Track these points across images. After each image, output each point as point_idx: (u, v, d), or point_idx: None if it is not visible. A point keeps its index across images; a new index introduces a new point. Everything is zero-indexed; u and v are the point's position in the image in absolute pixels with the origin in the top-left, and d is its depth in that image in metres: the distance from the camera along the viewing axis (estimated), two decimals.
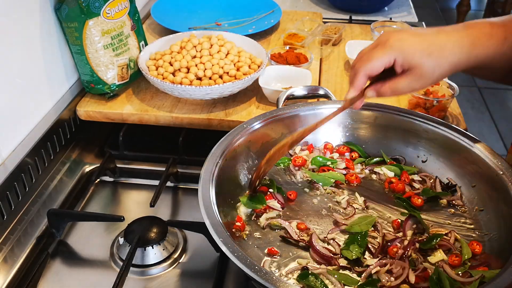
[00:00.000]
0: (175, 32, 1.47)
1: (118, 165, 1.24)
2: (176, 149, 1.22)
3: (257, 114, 1.15)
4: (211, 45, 1.31)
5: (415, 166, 1.08)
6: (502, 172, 0.92)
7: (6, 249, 1.00)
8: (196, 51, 1.29)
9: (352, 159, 1.09)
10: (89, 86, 1.26)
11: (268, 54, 1.36)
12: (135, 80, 1.34)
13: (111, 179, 1.23)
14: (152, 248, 0.98)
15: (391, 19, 1.87)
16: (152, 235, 1.00)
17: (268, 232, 0.93)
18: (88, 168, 1.25)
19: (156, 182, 1.15)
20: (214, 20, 1.68)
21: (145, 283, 0.96)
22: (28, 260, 1.00)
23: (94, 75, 1.23)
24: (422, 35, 0.83)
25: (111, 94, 1.27)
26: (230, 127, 1.08)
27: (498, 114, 3.54)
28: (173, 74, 1.25)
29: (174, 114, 1.23)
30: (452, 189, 1.02)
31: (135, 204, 1.18)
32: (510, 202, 0.89)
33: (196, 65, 1.25)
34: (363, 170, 1.08)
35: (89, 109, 1.25)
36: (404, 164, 1.08)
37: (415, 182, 1.03)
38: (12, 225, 1.03)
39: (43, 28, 1.15)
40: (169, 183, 1.19)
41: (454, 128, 1.02)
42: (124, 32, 1.26)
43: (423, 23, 1.88)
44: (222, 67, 1.26)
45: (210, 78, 1.25)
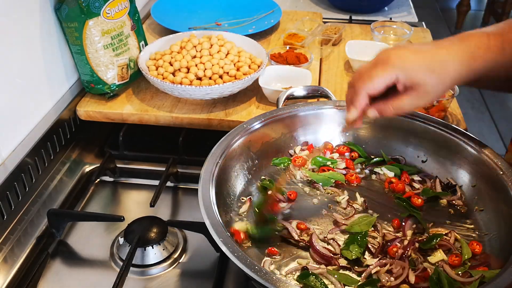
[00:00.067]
0: (175, 32, 1.47)
1: (118, 165, 1.24)
2: (176, 149, 1.22)
3: (257, 114, 1.15)
4: (211, 45, 1.31)
5: (415, 166, 1.08)
6: (502, 172, 0.92)
7: (6, 249, 1.00)
8: (196, 51, 1.29)
9: (352, 159, 1.09)
10: (89, 86, 1.26)
11: (268, 54, 1.36)
12: (135, 80, 1.34)
13: (111, 179, 1.23)
14: (152, 248, 0.98)
15: (391, 19, 1.87)
16: (152, 235, 1.00)
17: None
18: (88, 168, 1.25)
19: (156, 182, 1.15)
20: (214, 20, 1.68)
21: (145, 283, 0.96)
22: (28, 260, 1.00)
23: (94, 75, 1.23)
24: (422, 51, 0.82)
25: (111, 94, 1.27)
26: (230, 127, 1.08)
27: (498, 114, 3.54)
28: (173, 74, 1.25)
29: (174, 114, 1.23)
30: (452, 189, 1.02)
31: (135, 204, 1.18)
32: (510, 202, 0.89)
33: (196, 65, 1.25)
34: (363, 170, 1.08)
35: (89, 109, 1.25)
36: (404, 164, 1.08)
37: (415, 182, 1.03)
38: (12, 225, 1.03)
39: (43, 28, 1.15)
40: (169, 183, 1.19)
41: (454, 128, 1.02)
42: (124, 32, 1.26)
43: (423, 23, 1.88)
44: (222, 67, 1.26)
45: (210, 78, 1.25)
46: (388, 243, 0.89)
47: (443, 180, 1.03)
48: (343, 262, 0.87)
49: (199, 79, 1.25)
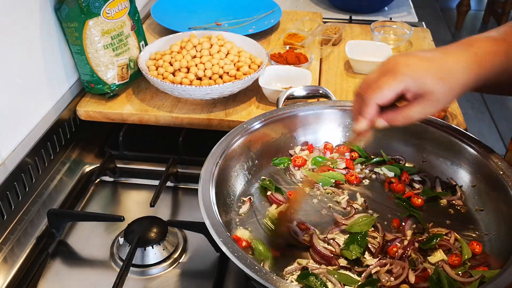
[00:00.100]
0: (175, 32, 1.47)
1: (118, 165, 1.24)
2: (176, 149, 1.22)
3: (257, 114, 1.15)
4: (211, 45, 1.31)
5: (415, 166, 1.08)
6: (502, 172, 0.92)
7: (6, 249, 1.00)
8: (196, 51, 1.29)
9: (352, 159, 1.09)
10: (89, 86, 1.26)
11: (268, 54, 1.36)
12: (135, 80, 1.34)
13: (111, 179, 1.23)
14: (152, 248, 0.98)
15: (391, 19, 1.87)
16: (152, 235, 1.00)
17: None
18: (88, 168, 1.25)
19: (156, 182, 1.15)
20: (214, 20, 1.68)
21: (145, 283, 0.96)
22: (28, 260, 1.00)
23: (94, 75, 1.23)
24: (430, 59, 0.80)
25: (111, 94, 1.27)
26: (230, 127, 1.08)
27: (498, 114, 3.54)
28: (173, 74, 1.25)
29: (174, 114, 1.23)
30: (452, 189, 1.02)
31: (135, 204, 1.18)
32: (510, 202, 0.89)
33: (196, 65, 1.25)
34: (363, 170, 1.08)
35: (89, 109, 1.25)
36: (404, 164, 1.08)
37: (415, 182, 1.03)
38: (12, 225, 1.03)
39: (43, 28, 1.15)
40: (169, 183, 1.19)
41: (454, 128, 1.02)
42: (124, 32, 1.26)
43: (423, 23, 1.88)
44: (222, 67, 1.26)
45: (210, 78, 1.25)
46: (388, 243, 0.89)
47: (443, 180, 1.03)
48: (343, 262, 0.87)
49: (199, 79, 1.25)
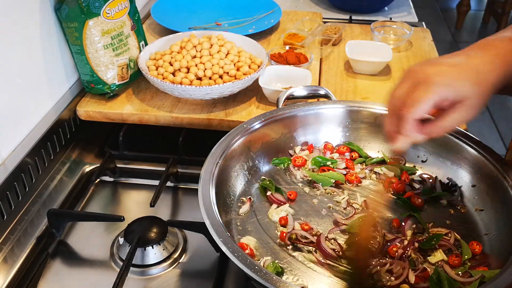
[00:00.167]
0: (175, 32, 1.47)
1: (118, 165, 1.24)
2: (176, 149, 1.22)
3: (257, 114, 1.15)
4: (211, 45, 1.31)
5: (415, 166, 1.08)
6: (501, 172, 0.92)
7: (6, 249, 1.00)
8: (196, 51, 1.29)
9: (352, 159, 1.09)
10: (89, 86, 1.26)
11: (268, 54, 1.36)
12: (135, 80, 1.34)
13: (111, 179, 1.23)
14: (152, 248, 0.98)
15: (391, 19, 1.87)
16: (152, 235, 1.00)
17: None
18: (88, 168, 1.25)
19: (156, 182, 1.15)
20: (214, 20, 1.68)
21: (145, 283, 0.96)
22: (28, 260, 1.00)
23: (94, 75, 1.23)
24: (457, 65, 0.79)
25: (111, 94, 1.27)
26: (230, 127, 1.08)
27: (498, 114, 3.54)
28: (173, 74, 1.25)
29: (174, 114, 1.23)
30: (452, 189, 1.02)
31: (135, 204, 1.18)
32: (510, 202, 0.89)
33: (196, 65, 1.25)
34: (363, 170, 1.08)
35: (89, 109, 1.25)
36: (404, 164, 1.08)
37: (415, 182, 1.03)
38: (12, 225, 1.03)
39: (43, 28, 1.15)
40: (169, 183, 1.19)
41: (454, 128, 1.02)
42: (124, 32, 1.26)
43: (423, 23, 1.88)
44: (222, 67, 1.26)
45: (210, 78, 1.25)
46: (388, 243, 0.89)
47: (443, 180, 1.03)
48: (344, 263, 0.87)
49: (199, 79, 1.25)
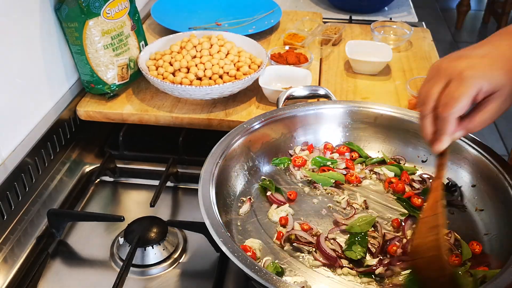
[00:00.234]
0: (175, 32, 1.47)
1: (118, 165, 1.24)
2: (176, 149, 1.22)
3: (257, 114, 1.15)
4: (211, 45, 1.31)
5: (415, 166, 1.08)
6: (502, 172, 0.92)
7: (6, 249, 1.00)
8: (196, 51, 1.29)
9: (352, 159, 1.09)
10: (89, 86, 1.26)
11: (268, 54, 1.36)
12: (135, 80, 1.34)
13: (111, 179, 1.23)
14: (152, 248, 0.98)
15: (391, 19, 1.87)
16: (152, 235, 1.00)
17: None
18: (88, 168, 1.25)
19: (156, 182, 1.15)
20: (214, 20, 1.68)
21: (145, 283, 0.96)
22: (28, 260, 1.00)
23: (94, 75, 1.23)
24: (486, 55, 0.78)
25: (111, 94, 1.27)
26: (230, 127, 1.08)
27: None
28: (173, 74, 1.25)
29: (174, 114, 1.23)
30: (452, 189, 1.02)
31: (135, 204, 1.18)
32: (510, 202, 0.89)
33: (196, 65, 1.25)
34: (363, 170, 1.08)
35: (89, 109, 1.25)
36: (404, 164, 1.08)
37: (415, 182, 1.03)
38: (12, 225, 1.03)
39: (43, 28, 1.15)
40: (169, 183, 1.19)
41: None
42: (124, 32, 1.26)
43: (423, 23, 1.88)
44: (222, 67, 1.26)
45: (210, 78, 1.25)
46: (387, 242, 0.89)
47: (443, 180, 1.03)
48: (344, 263, 0.87)
49: (199, 79, 1.25)
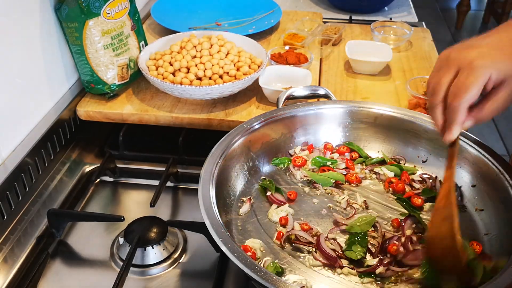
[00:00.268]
0: (175, 32, 1.47)
1: (118, 165, 1.24)
2: (176, 149, 1.22)
3: (257, 114, 1.15)
4: (211, 45, 1.31)
5: (415, 166, 1.08)
6: (502, 172, 0.92)
7: (6, 249, 1.00)
8: (196, 51, 1.29)
9: (352, 159, 1.09)
10: (89, 86, 1.26)
11: (268, 54, 1.36)
12: (135, 80, 1.34)
13: (111, 179, 1.23)
14: (152, 248, 0.98)
15: (391, 19, 1.87)
16: (152, 235, 1.00)
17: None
18: (88, 168, 1.25)
19: (156, 182, 1.15)
20: (214, 20, 1.68)
21: (145, 283, 0.96)
22: (28, 260, 1.00)
23: (94, 75, 1.23)
24: (493, 44, 0.79)
25: (111, 94, 1.27)
26: (230, 127, 1.08)
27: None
28: (173, 74, 1.25)
29: (174, 114, 1.23)
30: None
31: (135, 204, 1.18)
32: (510, 202, 0.89)
33: (196, 65, 1.25)
34: (363, 170, 1.08)
35: (89, 109, 1.25)
36: (404, 164, 1.08)
37: (415, 182, 1.03)
38: (12, 225, 1.03)
39: (43, 28, 1.15)
40: (169, 183, 1.19)
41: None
42: (124, 32, 1.26)
43: (423, 23, 1.88)
44: (222, 67, 1.26)
45: (210, 78, 1.25)
46: (387, 242, 0.89)
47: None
48: (344, 263, 0.87)
49: (199, 79, 1.25)
